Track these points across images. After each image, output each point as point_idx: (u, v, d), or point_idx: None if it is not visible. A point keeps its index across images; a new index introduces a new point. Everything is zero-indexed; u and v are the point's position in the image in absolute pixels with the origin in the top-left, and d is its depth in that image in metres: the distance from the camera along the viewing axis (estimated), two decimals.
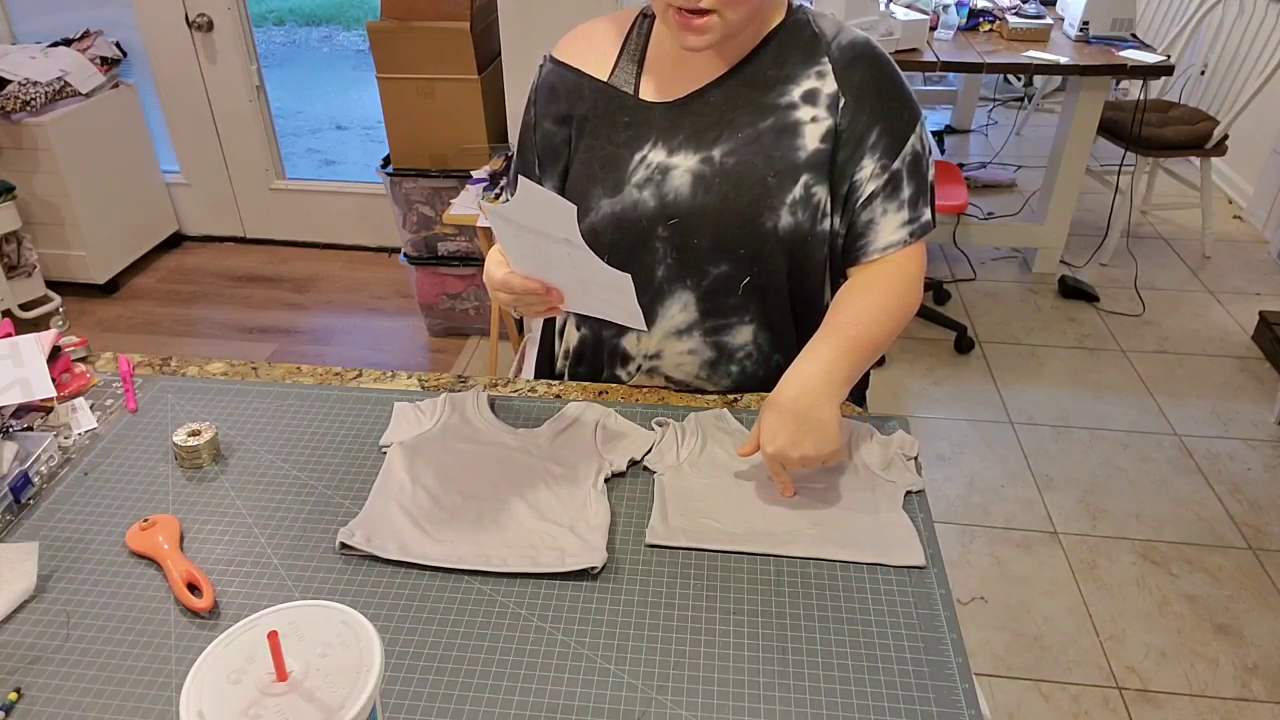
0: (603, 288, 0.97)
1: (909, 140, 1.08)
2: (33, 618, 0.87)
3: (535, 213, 0.90)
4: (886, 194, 1.08)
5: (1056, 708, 1.84)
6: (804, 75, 1.07)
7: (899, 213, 1.08)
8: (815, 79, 1.07)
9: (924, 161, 1.09)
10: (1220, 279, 3.42)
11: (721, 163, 1.07)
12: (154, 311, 3.27)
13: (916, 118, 1.08)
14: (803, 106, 1.06)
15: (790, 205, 1.06)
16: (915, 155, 1.08)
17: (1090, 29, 3.15)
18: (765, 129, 1.07)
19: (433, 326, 3.11)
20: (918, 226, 1.09)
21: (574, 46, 1.15)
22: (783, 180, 1.06)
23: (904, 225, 1.09)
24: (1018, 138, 4.61)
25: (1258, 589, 2.11)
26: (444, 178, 2.86)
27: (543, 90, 1.16)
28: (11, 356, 1.12)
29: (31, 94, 2.94)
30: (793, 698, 0.79)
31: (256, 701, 0.62)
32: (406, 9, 2.69)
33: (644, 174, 1.08)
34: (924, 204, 1.10)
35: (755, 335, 1.15)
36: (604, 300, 1.00)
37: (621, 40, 1.14)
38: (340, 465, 1.05)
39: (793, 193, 1.06)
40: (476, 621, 0.86)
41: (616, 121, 1.10)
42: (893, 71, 1.08)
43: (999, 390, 2.80)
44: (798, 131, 1.06)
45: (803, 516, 0.97)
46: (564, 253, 0.93)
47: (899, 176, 1.07)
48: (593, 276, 0.95)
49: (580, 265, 0.94)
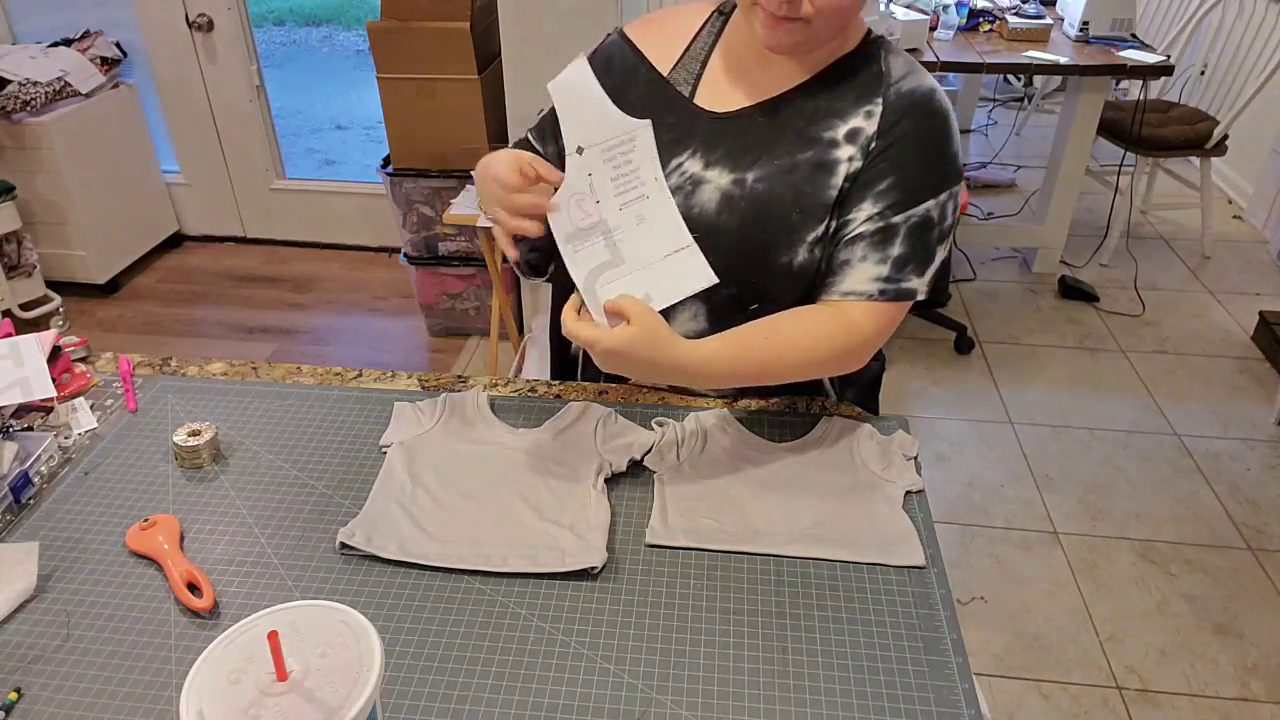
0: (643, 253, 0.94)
1: (924, 204, 1.00)
2: (33, 618, 0.87)
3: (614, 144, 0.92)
4: (872, 242, 1.01)
5: (1056, 708, 1.84)
6: (854, 112, 1.02)
7: (877, 266, 1.01)
8: (863, 118, 1.02)
9: (933, 231, 1.01)
10: (1220, 279, 3.42)
11: (752, 187, 1.03)
12: (154, 311, 3.27)
13: (946, 185, 1.01)
14: (843, 145, 1.02)
15: (810, 243, 1.02)
16: (925, 220, 1.00)
17: (1090, 29, 3.15)
18: (802, 161, 1.02)
19: (433, 326, 3.11)
20: (894, 290, 1.01)
21: (645, 30, 1.12)
22: (807, 218, 1.02)
23: (877, 280, 1.01)
24: (1018, 138, 4.61)
25: (1257, 589, 2.11)
26: (444, 178, 2.86)
27: (599, 57, 1.13)
28: (11, 356, 1.12)
29: (31, 94, 2.94)
30: (793, 698, 0.79)
31: (256, 701, 0.62)
32: (406, 9, 2.69)
33: (676, 180, 1.05)
34: (913, 272, 1.01)
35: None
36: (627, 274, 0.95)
37: (692, 36, 1.10)
38: (340, 465, 1.05)
39: (815, 231, 1.02)
40: (476, 621, 0.86)
41: (663, 121, 1.05)
42: (943, 130, 1.01)
43: (999, 390, 2.80)
44: (833, 170, 1.02)
45: (803, 516, 0.97)
46: (631, 202, 0.93)
47: (893, 231, 1.00)
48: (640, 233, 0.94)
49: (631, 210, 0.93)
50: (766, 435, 1.09)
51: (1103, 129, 3.38)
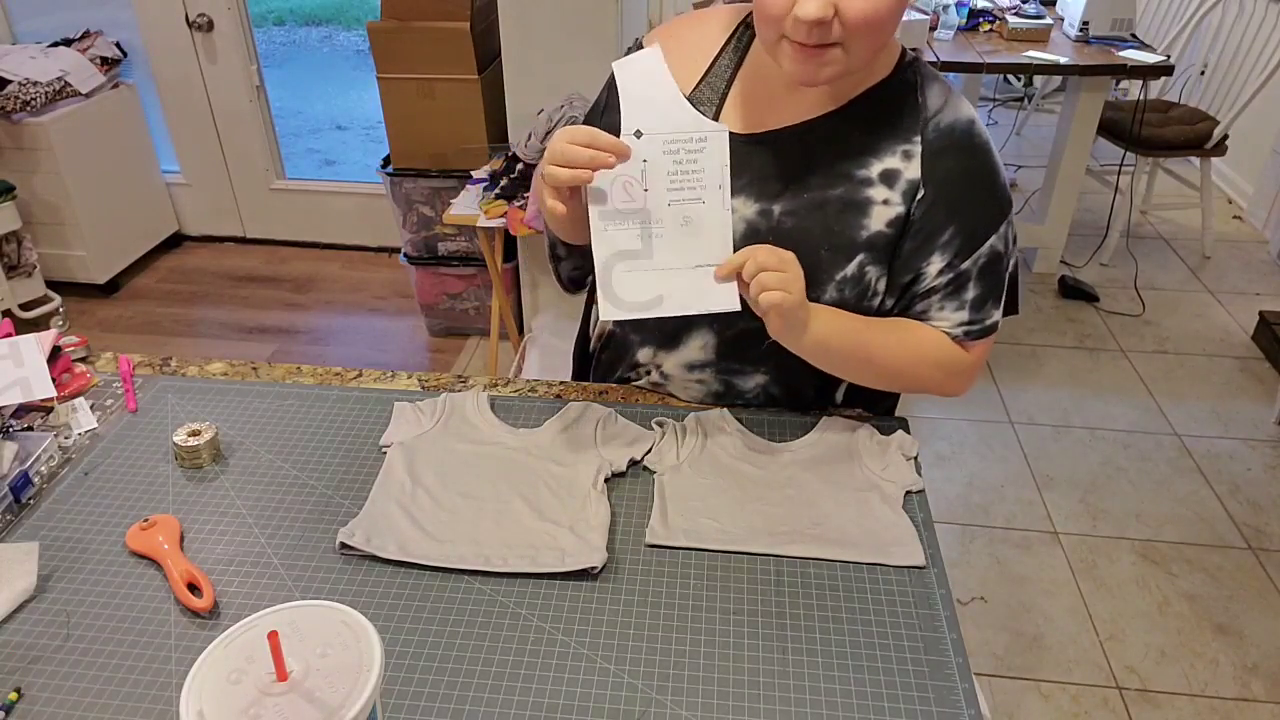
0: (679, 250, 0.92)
1: (988, 240, 0.99)
2: (33, 618, 0.87)
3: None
4: (947, 292, 1.01)
5: (1056, 708, 1.84)
6: (890, 151, 0.98)
7: (957, 312, 1.01)
8: (900, 159, 0.98)
9: (1003, 261, 1.01)
10: (1220, 279, 3.42)
11: (779, 221, 0.99)
12: (154, 311, 3.27)
13: (1002, 216, 1.00)
14: (878, 185, 0.98)
15: (839, 282, 1.00)
16: (993, 255, 1.00)
17: (1090, 29, 3.15)
18: (833, 198, 0.99)
19: (433, 326, 3.11)
20: (977, 329, 1.02)
21: (667, 45, 1.07)
22: (837, 256, 0.99)
23: (959, 325, 1.02)
24: (1018, 138, 4.61)
25: (1258, 589, 2.11)
26: (444, 178, 2.86)
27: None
28: (11, 356, 1.12)
29: (31, 94, 2.94)
30: (793, 698, 0.79)
31: (256, 701, 0.62)
32: (406, 9, 2.69)
33: None
34: (993, 305, 1.02)
35: (767, 386, 1.12)
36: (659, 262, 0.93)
37: (715, 53, 1.04)
38: (340, 465, 1.05)
39: (845, 270, 0.99)
40: (476, 621, 0.86)
41: None
42: (988, 164, 0.99)
43: (999, 390, 2.80)
44: (866, 210, 0.98)
45: (803, 516, 0.97)
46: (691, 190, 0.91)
47: (966, 277, 1.00)
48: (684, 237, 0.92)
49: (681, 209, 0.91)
50: (766, 435, 1.09)
51: (1103, 129, 3.38)
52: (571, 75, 2.48)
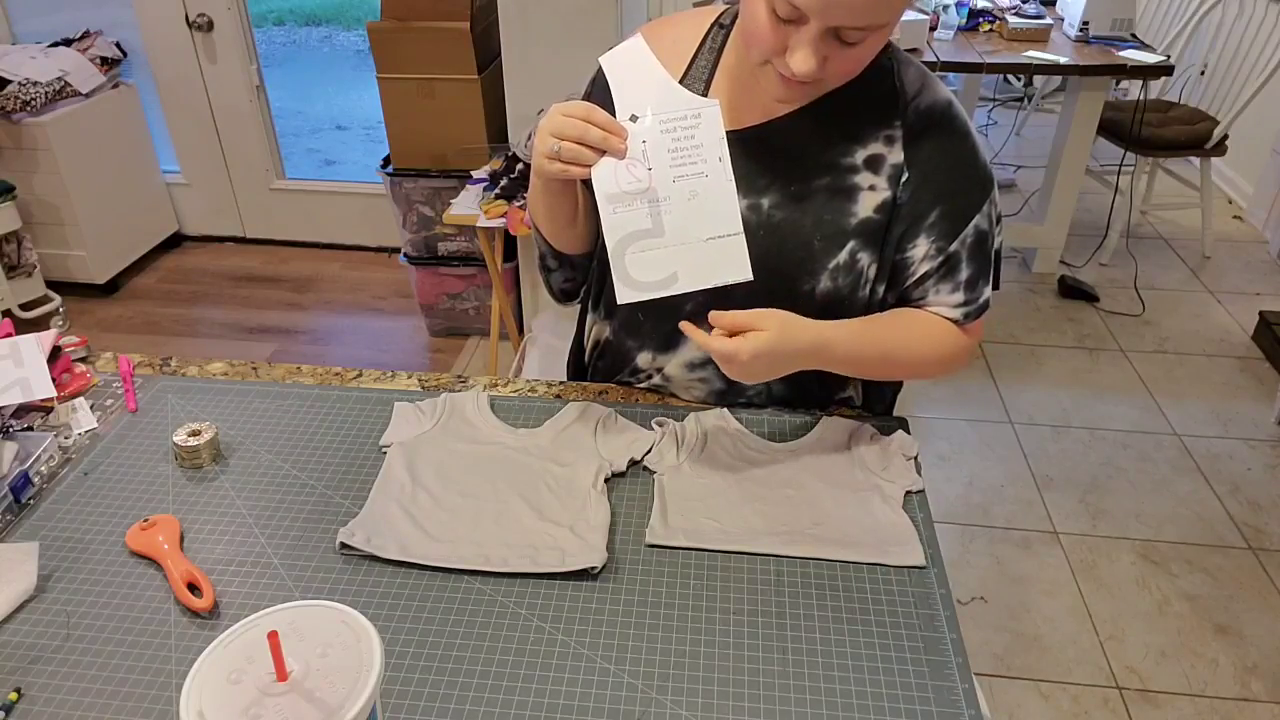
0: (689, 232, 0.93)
1: (972, 220, 1.01)
2: (33, 618, 0.87)
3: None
4: (940, 275, 1.03)
5: (1056, 708, 1.84)
6: (872, 137, 1.00)
7: (953, 294, 1.03)
8: (883, 144, 1.00)
9: (989, 239, 1.03)
10: (1220, 279, 3.42)
11: (769, 215, 1.01)
12: (154, 311, 3.27)
13: (985, 195, 1.02)
14: (863, 172, 1.00)
15: (832, 270, 1.01)
16: (979, 234, 1.02)
17: (1090, 29, 3.15)
18: (820, 187, 1.00)
19: (433, 326, 3.11)
20: (974, 309, 1.04)
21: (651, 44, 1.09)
22: (828, 245, 1.00)
23: (958, 307, 1.04)
24: (1018, 138, 4.61)
25: (1258, 589, 2.11)
26: (444, 178, 2.86)
27: (601, 81, 1.08)
28: (11, 356, 1.12)
29: (31, 94, 2.94)
30: (793, 698, 0.79)
31: (256, 701, 0.62)
32: (406, 9, 2.69)
33: None
34: (984, 283, 1.04)
35: (770, 382, 1.12)
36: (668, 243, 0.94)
37: (694, 50, 1.06)
38: (340, 465, 1.05)
39: (837, 258, 1.01)
40: (476, 621, 0.86)
41: None
42: (968, 143, 1.01)
43: (999, 390, 2.80)
44: (853, 196, 1.00)
45: (803, 516, 0.97)
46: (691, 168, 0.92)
47: (956, 259, 1.02)
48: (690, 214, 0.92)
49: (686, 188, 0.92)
50: (766, 435, 1.09)
51: (1103, 129, 3.38)
52: (571, 75, 2.47)
